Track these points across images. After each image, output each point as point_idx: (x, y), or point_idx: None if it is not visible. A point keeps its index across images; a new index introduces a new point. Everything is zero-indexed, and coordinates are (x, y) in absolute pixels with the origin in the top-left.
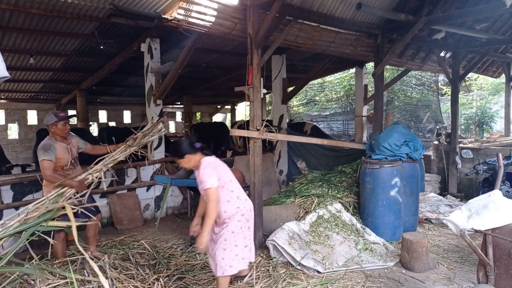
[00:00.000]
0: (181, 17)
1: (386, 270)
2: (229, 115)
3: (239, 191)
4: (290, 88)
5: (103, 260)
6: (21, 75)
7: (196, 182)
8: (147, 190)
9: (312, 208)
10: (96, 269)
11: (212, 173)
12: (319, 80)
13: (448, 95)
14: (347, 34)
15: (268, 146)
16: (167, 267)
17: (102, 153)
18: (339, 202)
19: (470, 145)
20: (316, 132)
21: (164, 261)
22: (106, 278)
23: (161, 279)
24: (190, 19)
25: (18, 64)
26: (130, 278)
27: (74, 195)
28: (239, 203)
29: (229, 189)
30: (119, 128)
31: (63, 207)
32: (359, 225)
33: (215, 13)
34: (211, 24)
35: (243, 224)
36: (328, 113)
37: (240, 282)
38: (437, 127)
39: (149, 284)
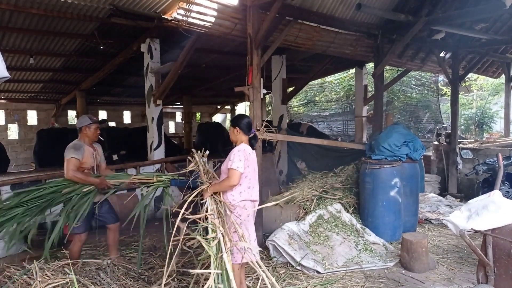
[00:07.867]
0: (181, 17)
1: (386, 271)
2: (229, 115)
3: (253, 186)
4: (290, 89)
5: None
6: (21, 75)
7: (196, 183)
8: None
9: (312, 209)
10: None
11: (243, 158)
12: (319, 80)
13: (448, 95)
14: (347, 35)
15: (268, 147)
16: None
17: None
18: (339, 202)
19: (470, 146)
20: (312, 132)
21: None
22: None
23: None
24: (190, 19)
25: (18, 65)
26: (132, 280)
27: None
28: (248, 195)
29: (246, 184)
30: (119, 129)
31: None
32: (359, 226)
33: (215, 13)
34: (211, 24)
35: (246, 216)
36: (328, 114)
37: None
38: (437, 127)
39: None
